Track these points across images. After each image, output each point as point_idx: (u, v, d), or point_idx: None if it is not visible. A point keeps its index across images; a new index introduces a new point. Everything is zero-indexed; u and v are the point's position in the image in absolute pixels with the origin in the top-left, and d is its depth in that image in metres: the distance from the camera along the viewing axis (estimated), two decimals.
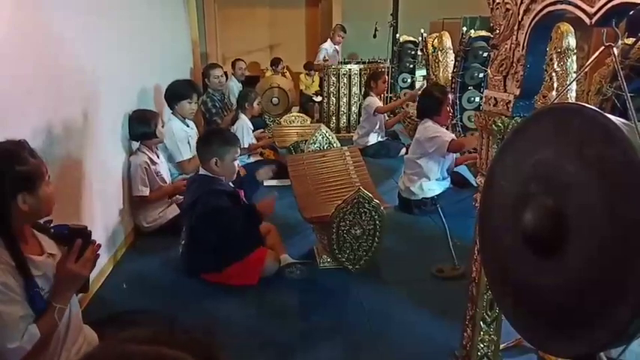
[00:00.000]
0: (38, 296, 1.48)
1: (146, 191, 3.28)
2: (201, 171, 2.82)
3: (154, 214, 3.36)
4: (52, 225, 1.66)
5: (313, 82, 7.94)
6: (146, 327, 0.60)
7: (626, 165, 0.93)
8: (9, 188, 1.43)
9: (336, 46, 7.24)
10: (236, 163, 2.84)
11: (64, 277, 1.54)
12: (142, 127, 3.31)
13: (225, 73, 5.95)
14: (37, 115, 2.16)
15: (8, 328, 1.39)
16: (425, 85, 5.36)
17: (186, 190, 2.93)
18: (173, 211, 3.40)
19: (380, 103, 5.57)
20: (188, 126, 3.99)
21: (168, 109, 3.98)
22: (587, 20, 1.09)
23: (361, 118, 5.81)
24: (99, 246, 1.62)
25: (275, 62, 7.83)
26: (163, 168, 3.50)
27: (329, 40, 7.25)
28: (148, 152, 3.34)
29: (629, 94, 1.08)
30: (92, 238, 1.61)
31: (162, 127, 3.46)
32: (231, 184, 2.90)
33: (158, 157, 3.47)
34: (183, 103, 3.88)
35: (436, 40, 5.38)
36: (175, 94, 3.90)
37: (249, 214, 2.76)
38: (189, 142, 3.86)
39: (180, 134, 3.84)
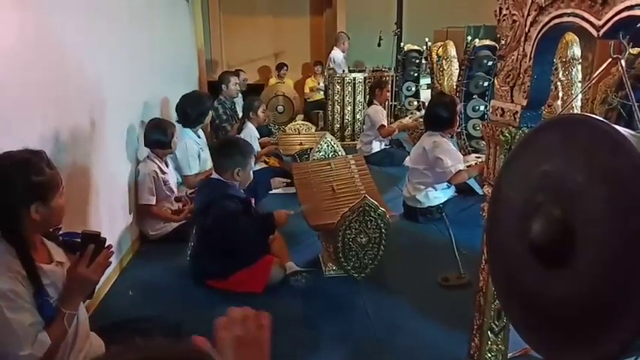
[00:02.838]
0: (47, 304, 1.48)
1: (153, 200, 3.29)
2: (214, 175, 2.84)
3: (159, 223, 3.37)
4: (60, 233, 1.67)
5: (320, 84, 7.98)
6: (150, 334, 0.62)
7: (634, 176, 0.94)
8: (23, 197, 1.44)
9: (342, 54, 7.27)
10: (251, 171, 2.88)
11: (75, 281, 1.54)
12: (158, 135, 3.33)
13: None
14: (43, 122, 2.17)
15: (18, 336, 1.40)
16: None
17: (197, 193, 2.96)
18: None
19: (384, 115, 5.56)
20: (199, 137, 4.01)
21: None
22: (594, 33, 1.10)
23: (364, 127, 5.81)
24: (112, 252, 1.62)
25: (279, 67, 7.96)
26: (172, 178, 3.51)
27: (337, 48, 7.26)
28: (157, 161, 3.36)
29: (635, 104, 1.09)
30: (105, 244, 1.61)
31: (176, 139, 3.48)
32: (242, 190, 2.91)
33: (167, 166, 3.48)
34: (209, 114, 3.98)
35: (440, 49, 5.41)
36: (201, 110, 3.93)
37: (264, 222, 2.78)
38: (199, 156, 3.87)
39: (193, 148, 3.86)
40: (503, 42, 1.52)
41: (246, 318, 0.80)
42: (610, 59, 1.06)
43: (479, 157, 4.03)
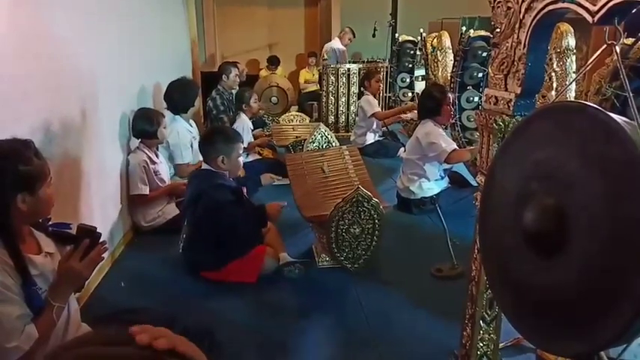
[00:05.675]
0: (36, 295, 1.47)
1: (145, 189, 3.27)
2: (204, 166, 2.82)
3: (153, 213, 3.35)
4: (50, 223, 1.65)
5: (314, 75, 7.94)
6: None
7: (628, 163, 0.93)
8: (10, 187, 1.43)
9: (344, 47, 7.29)
10: (241, 159, 2.86)
11: (65, 274, 1.53)
12: (143, 124, 3.30)
13: None
14: (34, 113, 2.15)
15: (5, 328, 1.39)
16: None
17: (188, 184, 2.94)
18: (172, 210, 3.39)
19: (377, 105, 5.56)
20: (192, 126, 3.99)
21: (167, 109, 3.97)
22: (589, 18, 1.08)
23: (357, 118, 5.80)
24: (105, 249, 1.61)
25: (271, 61, 7.86)
26: (162, 168, 3.49)
27: (337, 39, 7.20)
28: (147, 151, 3.34)
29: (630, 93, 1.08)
30: (100, 240, 1.59)
31: (165, 128, 3.45)
32: (232, 180, 2.90)
33: (157, 156, 3.46)
34: (197, 99, 4.00)
35: (435, 40, 5.38)
36: (189, 95, 3.92)
37: (256, 214, 2.78)
38: (192, 145, 3.85)
39: (186, 136, 3.84)
40: (497, 29, 1.51)
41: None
42: (605, 45, 1.05)
43: None
